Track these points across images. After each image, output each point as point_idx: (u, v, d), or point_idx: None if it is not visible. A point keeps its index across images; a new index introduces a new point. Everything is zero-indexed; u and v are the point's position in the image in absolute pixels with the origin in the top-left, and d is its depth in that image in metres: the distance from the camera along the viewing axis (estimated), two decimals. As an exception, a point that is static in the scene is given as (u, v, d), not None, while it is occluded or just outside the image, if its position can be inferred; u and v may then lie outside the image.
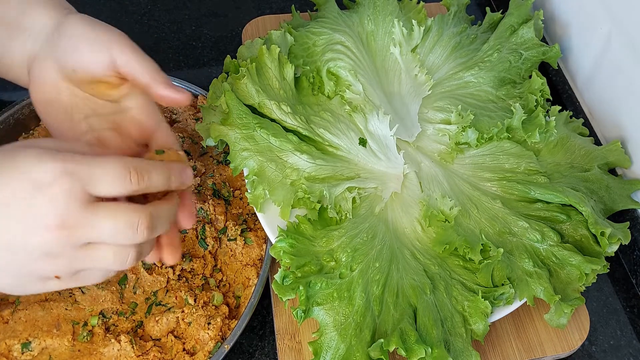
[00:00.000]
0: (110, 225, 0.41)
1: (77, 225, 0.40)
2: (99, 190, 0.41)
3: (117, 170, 0.41)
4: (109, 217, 0.41)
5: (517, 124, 0.70)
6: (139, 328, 0.62)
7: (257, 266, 0.67)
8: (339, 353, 0.56)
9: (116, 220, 0.41)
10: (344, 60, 0.75)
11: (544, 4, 0.88)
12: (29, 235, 0.39)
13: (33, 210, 0.39)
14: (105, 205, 0.41)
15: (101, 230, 0.41)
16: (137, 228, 0.42)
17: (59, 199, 0.39)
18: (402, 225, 0.66)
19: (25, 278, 0.42)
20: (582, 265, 0.62)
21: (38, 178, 0.39)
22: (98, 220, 0.40)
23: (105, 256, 0.42)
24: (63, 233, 0.39)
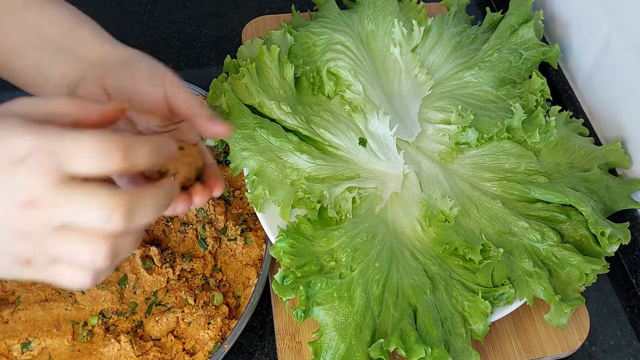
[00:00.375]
0: (82, 208, 0.38)
1: (47, 204, 0.37)
2: (76, 167, 0.38)
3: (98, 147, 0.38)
4: (82, 198, 0.38)
5: (517, 124, 0.70)
6: (139, 328, 0.62)
7: (257, 266, 0.67)
8: (339, 353, 0.56)
9: (89, 202, 0.38)
10: (344, 60, 0.75)
11: (544, 4, 0.88)
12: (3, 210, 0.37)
13: (3, 185, 0.37)
14: (81, 185, 0.38)
15: (72, 212, 0.38)
16: (111, 214, 0.38)
17: (31, 174, 0.37)
18: (402, 225, 0.66)
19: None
20: (582, 265, 0.62)
21: (10, 152, 0.37)
22: (70, 200, 0.37)
23: (75, 244, 0.38)
24: (33, 211, 0.37)
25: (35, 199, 0.37)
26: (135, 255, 0.64)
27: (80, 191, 0.38)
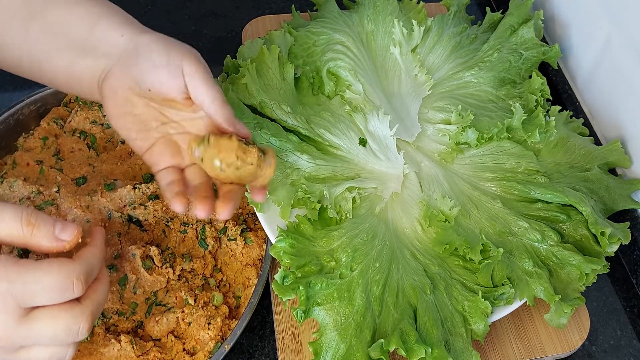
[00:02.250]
0: (49, 333, 0.40)
1: (11, 339, 0.39)
2: (36, 303, 0.40)
3: (57, 283, 0.40)
4: (48, 326, 0.40)
5: (517, 124, 0.70)
6: (139, 328, 0.62)
7: (257, 266, 0.67)
8: (339, 353, 0.56)
9: (56, 327, 0.40)
10: (344, 60, 0.75)
11: (544, 4, 0.88)
12: None
13: None
14: (43, 314, 0.40)
15: (38, 338, 0.40)
16: (78, 332, 0.41)
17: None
18: (402, 225, 0.66)
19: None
20: (582, 265, 0.62)
21: None
22: (35, 331, 0.40)
23: (41, 356, 0.41)
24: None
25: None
26: (135, 256, 0.64)
27: (46, 320, 0.40)
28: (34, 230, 0.41)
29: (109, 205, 0.67)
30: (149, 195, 0.69)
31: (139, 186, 0.69)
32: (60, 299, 0.40)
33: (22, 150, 0.73)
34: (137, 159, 0.73)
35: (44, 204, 0.66)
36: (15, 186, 0.67)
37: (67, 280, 0.41)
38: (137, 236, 0.67)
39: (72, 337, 0.41)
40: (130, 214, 0.68)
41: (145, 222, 0.68)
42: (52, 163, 0.71)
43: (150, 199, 0.69)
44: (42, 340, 0.40)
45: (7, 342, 0.39)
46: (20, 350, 0.41)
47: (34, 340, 0.40)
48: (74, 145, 0.73)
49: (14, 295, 0.39)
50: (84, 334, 0.42)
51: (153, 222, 0.68)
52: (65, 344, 0.42)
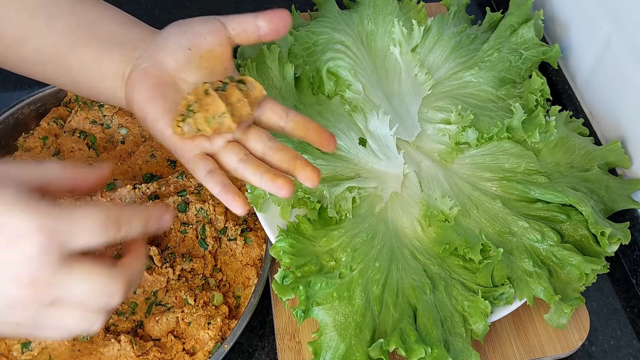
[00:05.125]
0: (85, 289, 0.39)
1: (48, 284, 0.37)
2: (77, 244, 0.38)
3: (97, 222, 0.39)
4: (85, 279, 0.39)
5: (517, 124, 0.70)
6: (138, 328, 0.62)
7: (257, 266, 0.67)
8: (339, 353, 0.56)
9: (92, 284, 0.39)
10: (344, 59, 0.75)
11: (544, 3, 0.88)
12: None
13: (3, 262, 0.36)
14: (82, 265, 0.39)
15: (73, 292, 0.38)
16: (112, 295, 0.39)
17: (32, 254, 0.36)
18: (402, 225, 0.66)
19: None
20: (582, 265, 0.62)
21: (11, 230, 0.36)
22: (72, 281, 0.38)
23: (71, 318, 0.39)
24: (32, 291, 0.37)
25: (37, 279, 0.37)
26: (135, 255, 0.64)
27: (83, 273, 0.38)
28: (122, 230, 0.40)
29: (109, 205, 0.67)
30: (149, 195, 0.69)
31: (139, 186, 0.69)
32: (100, 237, 0.39)
33: (22, 150, 0.73)
34: (137, 159, 0.73)
35: (44, 203, 0.66)
36: (15, 186, 0.67)
37: (109, 219, 0.39)
38: (137, 236, 0.67)
39: (105, 299, 0.39)
40: (130, 214, 0.68)
41: (145, 222, 0.68)
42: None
43: (150, 199, 0.69)
44: (75, 294, 0.38)
45: (43, 288, 0.37)
46: (50, 308, 0.38)
47: (68, 292, 0.38)
48: (73, 145, 0.73)
49: (59, 232, 0.37)
50: (116, 299, 0.39)
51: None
52: (96, 308, 0.39)
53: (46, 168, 0.41)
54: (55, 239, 0.37)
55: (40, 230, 0.37)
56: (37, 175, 0.41)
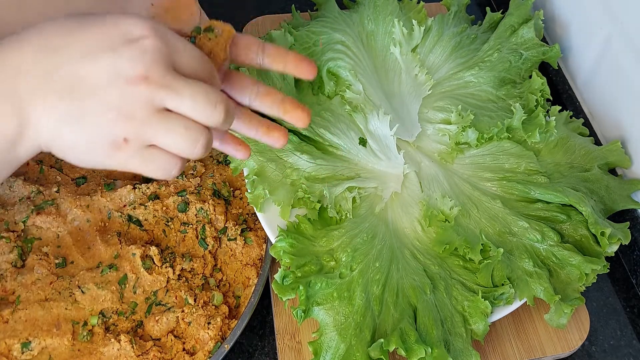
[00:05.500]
0: (191, 94, 0.39)
1: (159, 83, 0.38)
2: (181, 62, 0.40)
3: (197, 56, 0.42)
4: (191, 86, 0.39)
5: (517, 124, 0.70)
6: (139, 328, 0.62)
7: (257, 266, 0.67)
8: (339, 353, 0.56)
9: (197, 91, 0.40)
10: (344, 60, 0.75)
11: (544, 4, 0.88)
12: (111, 83, 0.38)
13: (119, 59, 0.38)
14: (187, 77, 0.40)
15: (181, 97, 0.39)
16: (216, 106, 0.40)
17: (147, 51, 0.38)
18: (402, 225, 0.66)
19: (96, 136, 0.39)
20: (582, 265, 0.62)
21: (128, 30, 0.39)
22: (180, 85, 0.39)
23: (178, 129, 0.40)
24: (144, 87, 0.38)
25: (150, 75, 0.38)
26: (135, 255, 0.64)
27: (189, 82, 0.39)
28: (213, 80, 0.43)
29: (109, 205, 0.67)
30: (149, 195, 0.69)
31: (139, 186, 0.69)
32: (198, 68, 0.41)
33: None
34: (137, 158, 0.73)
35: (44, 203, 0.66)
36: (15, 186, 0.67)
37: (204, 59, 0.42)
38: (137, 236, 0.67)
39: (210, 110, 0.40)
40: (130, 214, 0.68)
41: (145, 222, 0.68)
42: (52, 162, 0.71)
43: (150, 198, 0.69)
44: (183, 99, 0.39)
45: (155, 85, 0.38)
46: (159, 115, 0.39)
47: (177, 94, 0.39)
48: (74, 145, 0.73)
49: (169, 44, 0.39)
50: (220, 113, 0.40)
51: (153, 221, 0.68)
52: (203, 118, 0.40)
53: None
54: (166, 46, 0.39)
55: (156, 33, 0.39)
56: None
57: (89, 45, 0.38)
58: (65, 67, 0.38)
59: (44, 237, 0.66)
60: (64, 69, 0.38)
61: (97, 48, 0.38)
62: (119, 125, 0.39)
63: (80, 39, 0.39)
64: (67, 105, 0.38)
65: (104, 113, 0.38)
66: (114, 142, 0.39)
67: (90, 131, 0.39)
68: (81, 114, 0.38)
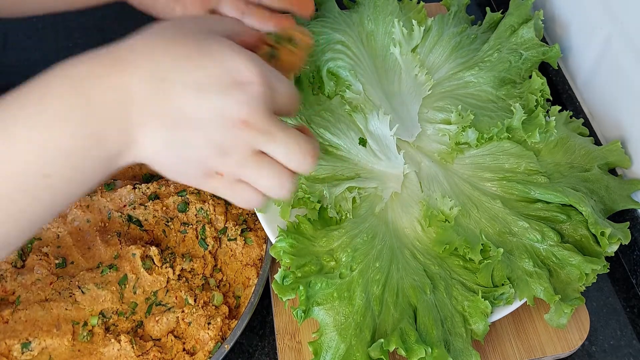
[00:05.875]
0: (287, 142, 0.42)
1: (260, 129, 0.41)
2: (280, 103, 0.43)
3: (292, 93, 0.45)
4: (288, 134, 0.43)
5: (517, 124, 0.70)
6: (139, 328, 0.62)
7: (257, 266, 0.67)
8: (339, 353, 0.56)
9: (292, 141, 0.43)
10: (344, 60, 0.75)
11: (544, 4, 0.88)
12: (216, 122, 0.40)
13: (227, 101, 0.40)
14: (284, 123, 0.43)
15: (278, 143, 0.42)
16: (306, 157, 0.43)
17: (253, 97, 0.40)
18: (402, 225, 0.66)
19: (193, 164, 0.42)
20: (582, 265, 0.62)
21: (237, 70, 0.41)
22: (278, 133, 0.42)
23: (269, 174, 0.43)
24: (246, 131, 0.41)
25: (252, 120, 0.41)
26: (135, 255, 0.64)
27: (286, 129, 0.43)
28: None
29: (109, 205, 0.67)
30: (149, 195, 0.69)
31: (139, 186, 0.69)
32: (290, 109, 0.45)
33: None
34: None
35: (44, 203, 0.66)
36: (15, 186, 0.67)
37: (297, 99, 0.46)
38: (137, 236, 0.67)
39: (302, 159, 0.43)
40: (130, 214, 0.68)
41: (145, 222, 0.68)
42: (52, 163, 0.71)
43: (150, 199, 0.69)
44: (279, 146, 0.42)
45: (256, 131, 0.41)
46: (255, 157, 0.42)
47: (274, 140, 0.42)
48: (74, 145, 0.73)
49: (272, 88, 0.42)
50: (309, 162, 0.44)
51: (153, 222, 0.68)
52: (294, 164, 0.43)
53: (227, 22, 0.46)
54: (269, 90, 0.42)
55: (263, 78, 0.41)
56: (223, 27, 0.45)
57: (198, 82, 0.40)
58: (174, 99, 0.40)
59: (44, 237, 0.66)
60: (172, 101, 0.40)
61: (206, 85, 0.40)
62: (216, 161, 0.42)
63: (189, 70, 0.40)
64: (171, 134, 0.40)
65: (204, 147, 0.41)
66: (208, 173, 0.43)
67: (188, 160, 0.42)
68: (183, 144, 0.41)
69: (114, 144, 0.40)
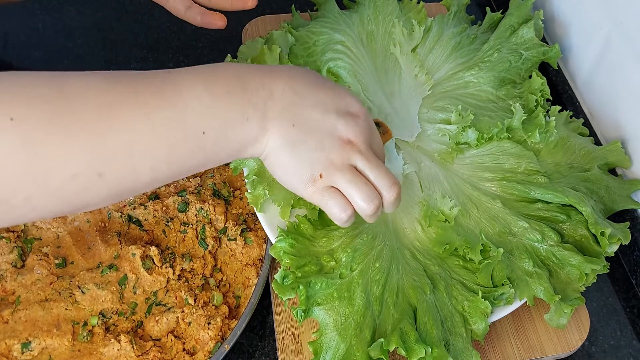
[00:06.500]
0: (379, 168, 0.51)
1: (359, 149, 0.51)
2: (373, 143, 0.53)
3: (382, 145, 0.56)
4: (379, 163, 0.52)
5: (517, 124, 0.70)
6: (139, 328, 0.62)
7: (257, 266, 0.67)
8: (339, 353, 0.56)
9: (382, 168, 0.52)
10: (344, 60, 0.75)
11: (544, 4, 0.88)
12: (328, 133, 0.50)
13: (339, 121, 0.50)
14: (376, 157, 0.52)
15: (371, 166, 0.51)
16: (391, 186, 0.52)
17: (358, 126, 0.51)
18: (403, 225, 0.66)
19: (304, 163, 0.50)
20: (582, 265, 0.62)
21: (350, 104, 0.52)
22: (372, 158, 0.51)
23: (362, 184, 0.51)
24: (349, 147, 0.50)
25: (354, 140, 0.51)
26: (135, 255, 0.64)
27: (378, 160, 0.52)
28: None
29: (109, 205, 0.67)
30: (149, 195, 0.69)
31: (139, 186, 0.69)
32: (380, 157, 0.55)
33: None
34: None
35: (44, 203, 0.66)
36: (15, 186, 0.67)
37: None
38: (137, 236, 0.67)
39: (387, 185, 0.52)
40: (130, 214, 0.68)
41: (145, 222, 0.68)
42: (52, 163, 0.71)
43: (150, 199, 0.69)
44: (372, 167, 0.51)
45: (352, 150, 0.51)
46: (350, 172, 0.51)
47: (368, 163, 0.51)
48: (74, 145, 0.73)
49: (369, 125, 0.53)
50: (393, 194, 0.52)
51: (153, 222, 0.68)
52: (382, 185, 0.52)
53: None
54: (369, 129, 0.53)
55: (367, 118, 0.53)
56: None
57: (323, 102, 0.51)
58: (303, 107, 0.50)
59: (44, 238, 0.66)
60: (301, 107, 0.50)
61: (328, 105, 0.51)
62: (322, 162, 0.50)
63: (317, 93, 0.51)
64: (295, 132, 0.49)
65: (316, 149, 0.50)
66: (312, 176, 0.50)
67: (301, 159, 0.50)
68: (301, 142, 0.49)
69: (254, 127, 0.48)
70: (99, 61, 0.87)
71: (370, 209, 0.51)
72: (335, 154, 0.50)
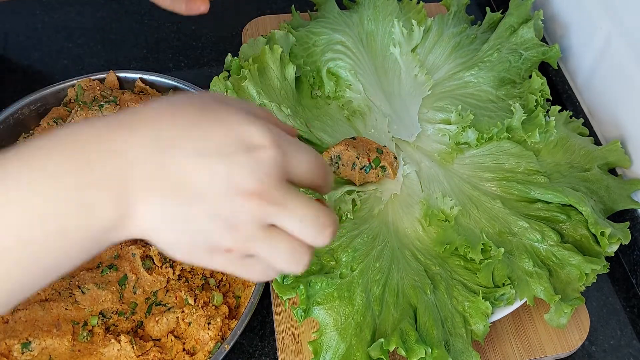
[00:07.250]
0: (302, 214, 0.38)
1: (272, 200, 0.37)
2: (296, 171, 0.39)
3: (314, 161, 0.40)
4: (302, 205, 0.38)
5: (517, 124, 0.70)
6: (139, 328, 0.62)
7: (257, 266, 0.66)
8: (339, 353, 0.56)
9: (307, 213, 0.38)
10: (344, 60, 0.75)
11: (544, 4, 0.88)
12: (222, 193, 0.36)
13: (232, 167, 0.36)
14: (297, 192, 0.38)
15: (291, 215, 0.37)
16: (323, 230, 0.39)
17: (263, 163, 0.36)
18: (403, 225, 0.66)
19: (197, 239, 0.38)
20: (582, 265, 0.62)
21: (248, 136, 0.37)
22: (291, 204, 0.37)
23: (282, 249, 0.38)
24: (256, 202, 0.36)
25: (263, 191, 0.36)
26: (135, 255, 0.64)
27: (302, 199, 0.38)
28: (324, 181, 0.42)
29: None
30: (149, 195, 0.69)
31: (139, 186, 0.68)
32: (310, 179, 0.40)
33: (22, 150, 0.73)
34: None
35: (44, 203, 0.66)
36: (15, 186, 0.67)
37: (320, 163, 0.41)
38: (137, 236, 0.67)
39: (318, 233, 0.38)
40: (130, 214, 0.68)
41: (145, 222, 0.68)
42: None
43: (150, 198, 0.68)
44: (293, 218, 0.37)
45: (267, 202, 0.36)
46: (266, 231, 0.37)
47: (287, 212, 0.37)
48: (74, 145, 0.73)
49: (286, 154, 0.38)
50: (327, 237, 0.39)
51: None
52: (309, 238, 0.39)
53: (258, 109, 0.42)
54: (283, 157, 0.38)
55: (275, 145, 0.37)
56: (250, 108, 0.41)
57: (206, 147, 0.36)
58: (177, 165, 0.36)
59: (44, 237, 0.66)
60: (172, 169, 0.36)
61: (212, 151, 0.36)
62: (223, 236, 0.37)
63: (198, 133, 0.37)
64: (171, 205, 0.36)
65: (209, 222, 0.37)
66: (215, 249, 0.38)
67: (191, 236, 0.37)
68: (185, 218, 0.37)
69: (108, 214, 0.36)
70: (99, 61, 0.87)
71: (299, 269, 0.39)
72: (238, 219, 0.37)
